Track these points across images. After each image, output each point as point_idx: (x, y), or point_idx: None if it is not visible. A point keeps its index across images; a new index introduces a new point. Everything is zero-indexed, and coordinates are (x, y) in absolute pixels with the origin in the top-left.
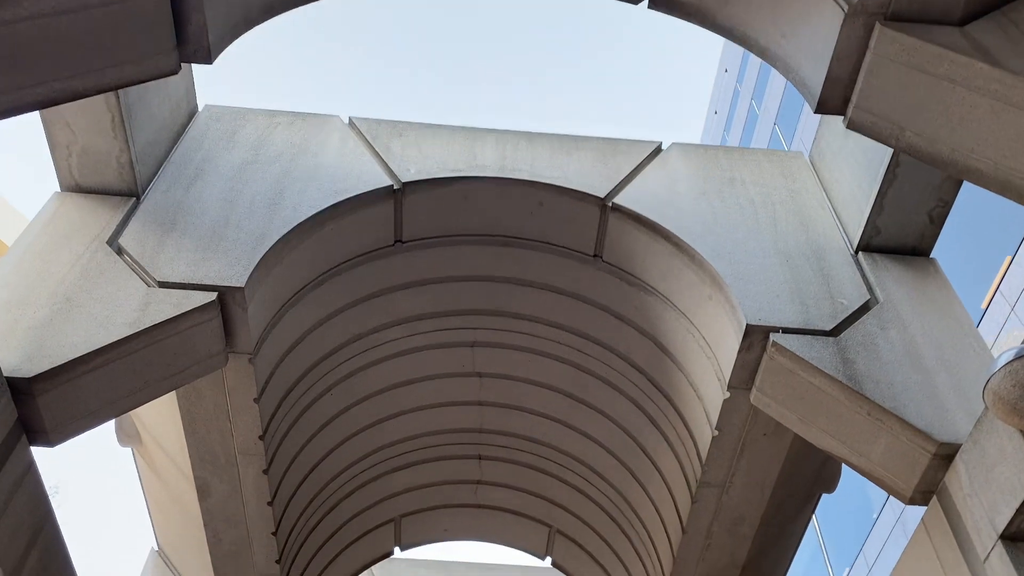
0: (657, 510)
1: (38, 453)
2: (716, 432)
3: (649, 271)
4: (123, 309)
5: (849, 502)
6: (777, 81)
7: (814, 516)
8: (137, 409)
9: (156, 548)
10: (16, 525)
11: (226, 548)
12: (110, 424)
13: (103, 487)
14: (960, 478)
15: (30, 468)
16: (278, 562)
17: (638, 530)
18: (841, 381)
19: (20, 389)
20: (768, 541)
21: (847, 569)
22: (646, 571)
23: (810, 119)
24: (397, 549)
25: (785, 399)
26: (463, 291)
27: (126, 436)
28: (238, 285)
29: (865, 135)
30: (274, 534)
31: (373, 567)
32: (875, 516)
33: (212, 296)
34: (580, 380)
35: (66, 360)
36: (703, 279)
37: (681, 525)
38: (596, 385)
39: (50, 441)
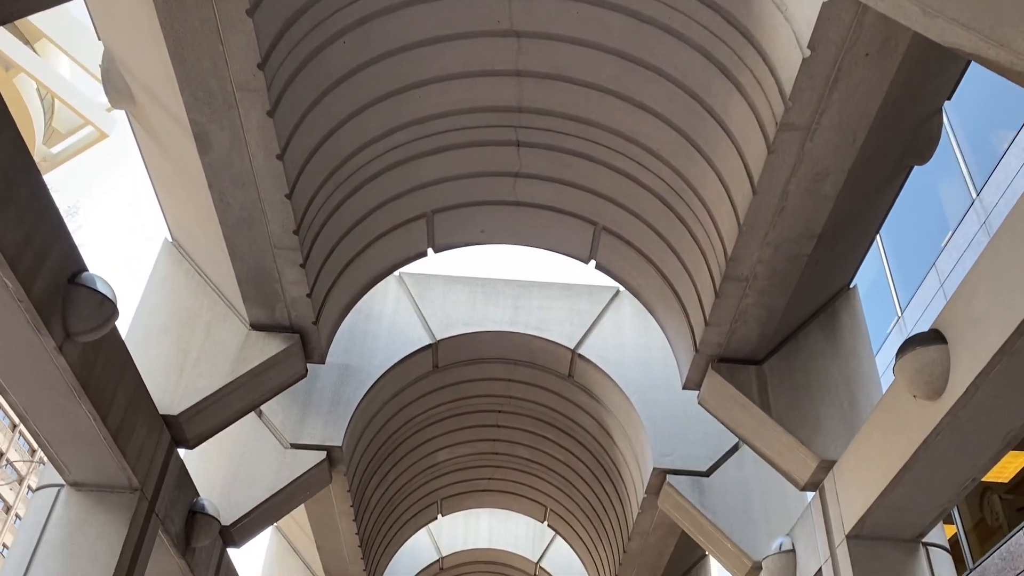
0: (721, 179)
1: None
2: (808, 52)
3: None
4: None
5: (919, 227)
6: None
7: (879, 238)
8: (121, 53)
9: (170, 239)
10: None
11: (236, 214)
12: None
13: (120, 204)
14: None
15: None
16: (296, 233)
17: (696, 211)
18: None
19: None
20: (849, 212)
21: (910, 298)
22: (704, 259)
23: None
24: (431, 251)
25: None
26: None
27: (116, 93)
28: None
29: None
30: (288, 197)
31: (408, 283)
32: (944, 242)
33: None
34: (637, 32)
35: None
36: None
37: (752, 185)
38: (656, 36)
39: None
